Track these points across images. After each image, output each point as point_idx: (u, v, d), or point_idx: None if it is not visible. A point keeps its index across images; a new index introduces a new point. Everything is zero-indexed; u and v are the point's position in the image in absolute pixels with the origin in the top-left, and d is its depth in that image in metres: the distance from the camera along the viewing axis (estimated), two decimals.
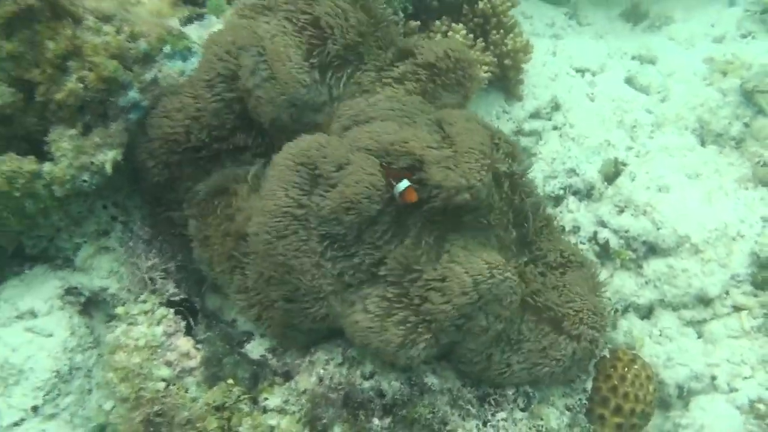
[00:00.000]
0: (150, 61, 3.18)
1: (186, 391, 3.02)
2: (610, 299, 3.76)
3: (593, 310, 3.05)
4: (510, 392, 3.05)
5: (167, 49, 3.21)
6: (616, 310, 3.82)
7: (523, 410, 3.04)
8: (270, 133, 3.14)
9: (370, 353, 2.87)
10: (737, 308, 3.85)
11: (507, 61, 4.50)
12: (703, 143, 4.56)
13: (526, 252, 3.20)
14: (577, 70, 5.16)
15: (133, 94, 3.09)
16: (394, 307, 2.74)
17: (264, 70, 2.97)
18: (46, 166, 2.96)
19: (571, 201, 4.33)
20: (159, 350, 3.09)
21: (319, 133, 2.89)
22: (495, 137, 3.05)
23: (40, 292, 3.28)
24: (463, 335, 2.83)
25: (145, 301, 3.25)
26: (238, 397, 2.96)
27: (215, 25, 3.48)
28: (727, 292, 3.87)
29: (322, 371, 2.95)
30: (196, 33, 3.40)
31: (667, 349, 3.75)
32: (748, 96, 4.66)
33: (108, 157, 3.07)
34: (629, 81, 5.09)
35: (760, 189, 4.17)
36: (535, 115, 4.72)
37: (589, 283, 3.20)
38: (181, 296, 3.34)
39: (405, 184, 2.67)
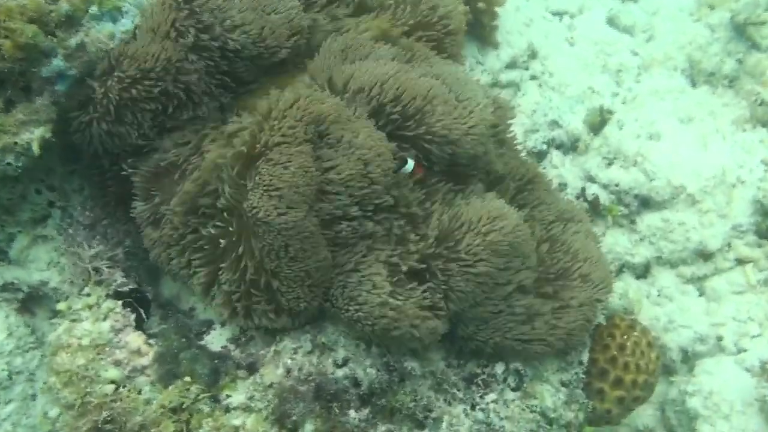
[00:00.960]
0: (75, 24, 2.82)
1: (138, 393, 2.72)
2: None
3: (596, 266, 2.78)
4: (499, 371, 2.79)
5: (93, 9, 2.86)
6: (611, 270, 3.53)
7: (514, 390, 2.78)
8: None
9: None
10: (741, 261, 3.61)
11: (480, 5, 4.16)
12: (694, 84, 4.29)
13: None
14: (554, 13, 4.85)
15: (57, 63, 2.76)
16: (405, 281, 2.53)
17: None
18: None
19: (555, 155, 4.06)
20: (106, 348, 2.78)
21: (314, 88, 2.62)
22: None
23: None
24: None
25: (89, 294, 2.93)
26: (197, 396, 2.67)
27: None
28: (729, 245, 3.64)
29: (289, 361, 2.66)
30: None
31: (667, 310, 3.50)
32: (739, 30, 4.38)
33: (35, 136, 2.75)
34: (611, 21, 4.78)
35: (759, 130, 3.91)
36: (511, 65, 4.41)
37: (588, 239, 2.96)
38: (131, 286, 3.03)
39: (410, 165, 2.56)
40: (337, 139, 2.46)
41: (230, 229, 2.53)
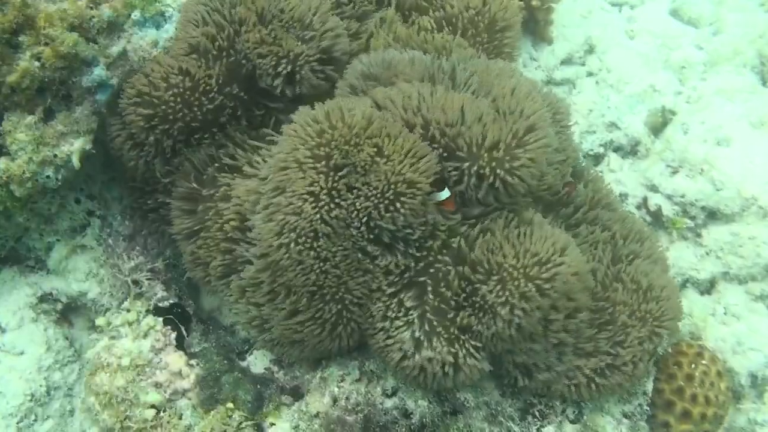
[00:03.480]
0: (117, 31, 2.74)
1: (179, 418, 2.64)
2: None
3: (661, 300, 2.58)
4: (558, 402, 2.62)
5: (136, 15, 2.75)
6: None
7: (573, 422, 2.64)
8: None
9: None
10: None
11: (534, 1, 3.92)
12: (765, 82, 3.97)
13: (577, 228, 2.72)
14: (613, 4, 4.56)
15: (98, 72, 2.68)
16: (442, 319, 2.34)
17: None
18: (1, 163, 2.58)
19: (613, 159, 3.80)
20: (146, 369, 2.71)
21: (336, 102, 2.41)
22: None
23: (8, 302, 2.96)
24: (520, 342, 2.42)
25: (128, 310, 2.85)
26: (240, 424, 2.58)
27: None
28: None
29: (336, 389, 2.54)
30: None
31: (734, 330, 3.25)
32: None
33: (74, 148, 2.68)
34: (674, 13, 4.47)
35: None
36: (567, 60, 4.15)
37: (657, 259, 2.80)
38: (171, 300, 2.96)
39: (446, 193, 2.34)
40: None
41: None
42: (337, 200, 2.23)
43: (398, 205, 2.24)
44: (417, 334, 2.31)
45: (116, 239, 2.99)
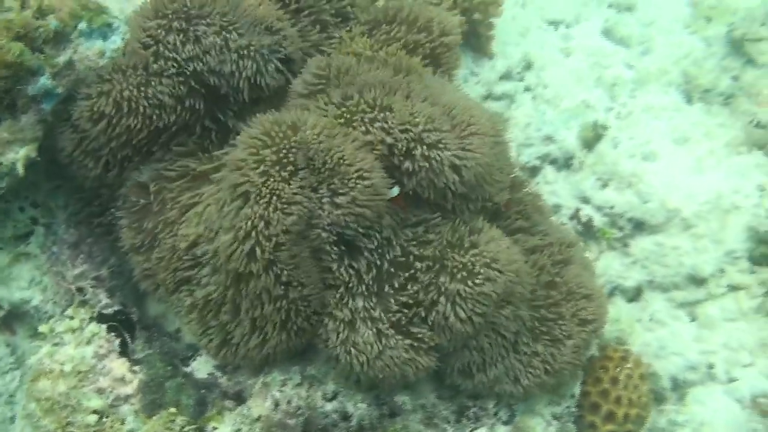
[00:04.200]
0: (63, 41, 2.74)
1: (122, 423, 2.66)
2: None
3: (594, 301, 2.74)
4: (491, 404, 2.74)
5: (83, 26, 2.77)
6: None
7: (505, 423, 2.75)
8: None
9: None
10: (734, 287, 3.55)
11: (477, 15, 4.07)
12: (689, 100, 4.20)
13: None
14: (550, 23, 4.73)
15: (44, 81, 2.68)
16: (394, 320, 2.44)
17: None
18: None
19: (549, 171, 3.97)
20: (89, 375, 2.72)
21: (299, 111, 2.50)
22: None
23: None
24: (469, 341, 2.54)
25: (72, 317, 2.85)
26: (182, 427, 2.62)
27: None
28: (722, 270, 3.57)
29: (278, 394, 2.61)
30: (117, 5, 2.93)
31: (658, 335, 3.46)
32: (735, 45, 4.31)
33: (19, 156, 2.68)
34: (607, 32, 4.66)
35: (754, 153, 3.84)
36: (505, 76, 4.30)
37: (587, 267, 2.93)
38: (116, 308, 2.96)
39: (395, 191, 2.44)
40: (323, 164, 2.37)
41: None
42: (290, 206, 2.31)
43: (352, 209, 2.33)
44: (369, 335, 2.40)
45: (61, 247, 3.00)
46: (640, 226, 3.66)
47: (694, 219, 3.59)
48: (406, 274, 2.47)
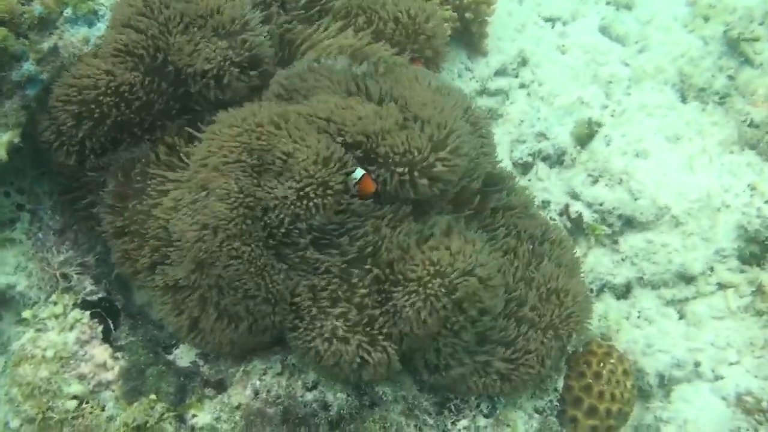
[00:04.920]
0: (48, 27, 2.75)
1: (102, 409, 2.67)
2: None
3: (573, 300, 2.72)
4: (473, 396, 2.72)
5: (68, 12, 2.78)
6: (591, 291, 3.48)
7: (487, 416, 2.74)
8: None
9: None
10: (722, 286, 3.54)
11: (468, 14, 4.06)
12: (684, 99, 4.20)
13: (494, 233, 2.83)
14: (547, 19, 4.73)
15: (28, 67, 2.70)
16: (354, 316, 2.43)
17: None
18: None
19: (541, 168, 3.97)
20: (71, 361, 2.73)
21: (257, 105, 2.54)
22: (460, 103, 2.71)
23: None
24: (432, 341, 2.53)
25: (55, 303, 2.85)
26: (162, 415, 2.62)
27: None
28: (711, 269, 3.56)
29: (258, 383, 2.61)
30: None
31: (646, 332, 3.44)
32: (732, 44, 4.29)
33: (2, 141, 2.71)
34: (604, 30, 4.67)
35: (746, 153, 3.83)
36: (500, 72, 4.31)
37: (569, 267, 2.88)
38: (100, 294, 2.97)
39: (360, 172, 2.43)
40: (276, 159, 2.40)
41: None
42: (253, 199, 2.33)
43: (312, 204, 2.34)
44: (333, 330, 2.40)
45: (46, 233, 3.01)
46: (630, 223, 3.65)
47: (685, 217, 3.58)
48: (366, 268, 2.47)
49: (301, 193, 2.35)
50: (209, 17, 2.65)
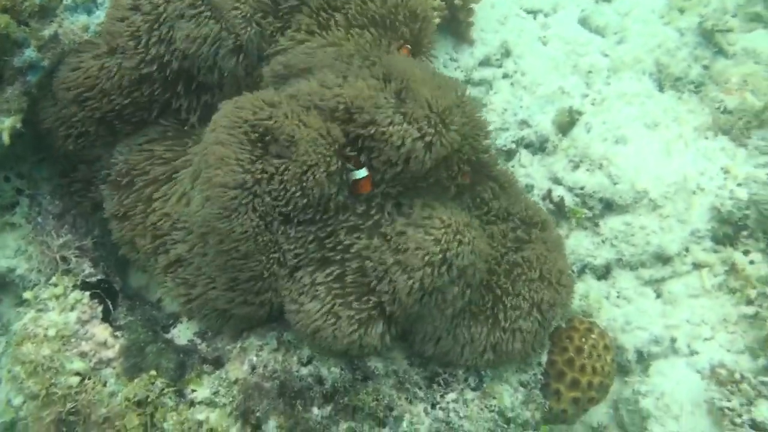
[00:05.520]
0: (49, 15, 2.83)
1: (103, 385, 2.75)
2: None
3: (557, 275, 2.84)
4: (460, 371, 2.85)
5: (68, 0, 2.83)
6: (572, 272, 3.60)
7: (474, 389, 2.84)
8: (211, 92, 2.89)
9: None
10: (698, 266, 3.68)
11: (457, 1, 4.16)
12: (661, 88, 4.33)
13: (481, 212, 2.94)
14: (528, 11, 4.84)
15: (29, 53, 2.77)
16: (347, 291, 2.55)
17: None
18: None
19: (524, 155, 4.09)
20: (72, 340, 2.81)
21: (260, 92, 2.62)
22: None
23: None
24: (425, 312, 2.63)
25: (56, 284, 2.94)
26: (162, 390, 2.71)
27: None
28: (686, 249, 3.70)
29: (255, 358, 2.71)
30: None
31: (625, 311, 3.58)
32: (707, 35, 4.43)
33: (4, 126, 2.77)
34: (583, 21, 4.80)
35: (720, 138, 3.98)
36: (484, 62, 4.42)
37: (553, 243, 2.99)
38: (99, 277, 3.06)
39: (363, 173, 2.55)
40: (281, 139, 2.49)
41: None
42: (262, 176, 2.43)
43: (311, 180, 2.45)
44: (327, 304, 2.51)
45: (45, 217, 3.08)
46: (609, 207, 3.77)
47: (662, 200, 3.72)
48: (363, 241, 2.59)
49: (302, 168, 2.44)
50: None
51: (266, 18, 2.92)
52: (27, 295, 2.93)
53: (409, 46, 3.01)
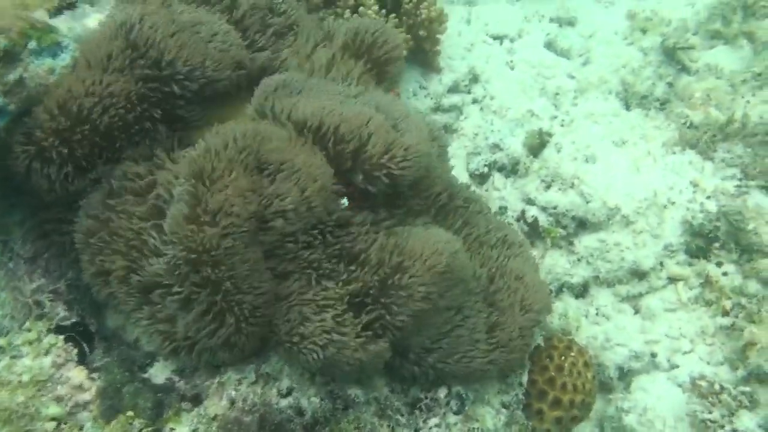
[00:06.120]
0: (13, 60, 2.80)
1: (80, 430, 2.70)
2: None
3: (536, 287, 2.86)
4: (442, 395, 2.84)
5: (33, 45, 2.84)
6: (550, 292, 3.61)
7: (456, 413, 2.83)
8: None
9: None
10: (673, 279, 3.71)
11: (422, 32, 4.23)
12: (628, 107, 4.42)
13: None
14: (494, 37, 4.94)
15: None
16: (348, 311, 2.56)
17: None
18: None
19: (497, 178, 4.12)
20: (48, 384, 2.76)
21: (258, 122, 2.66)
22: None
23: None
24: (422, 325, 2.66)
25: (29, 330, 2.89)
26: (140, 430, 2.65)
27: (90, 15, 3.10)
28: (661, 264, 3.73)
29: (233, 393, 2.67)
30: (66, 25, 3.02)
31: (604, 328, 3.59)
32: (669, 54, 4.55)
33: None
34: (549, 45, 4.90)
35: (687, 152, 4.05)
36: (453, 89, 4.48)
37: (528, 260, 3.01)
38: (73, 319, 3.00)
39: (344, 203, 2.64)
40: (276, 168, 2.51)
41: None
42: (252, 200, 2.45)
43: (308, 206, 2.48)
44: (327, 326, 2.51)
45: (17, 262, 3.05)
46: (583, 225, 3.81)
47: (634, 216, 3.76)
48: (355, 265, 2.60)
49: (296, 196, 2.46)
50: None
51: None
52: (0, 341, 2.89)
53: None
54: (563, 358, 3.02)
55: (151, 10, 2.81)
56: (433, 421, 2.79)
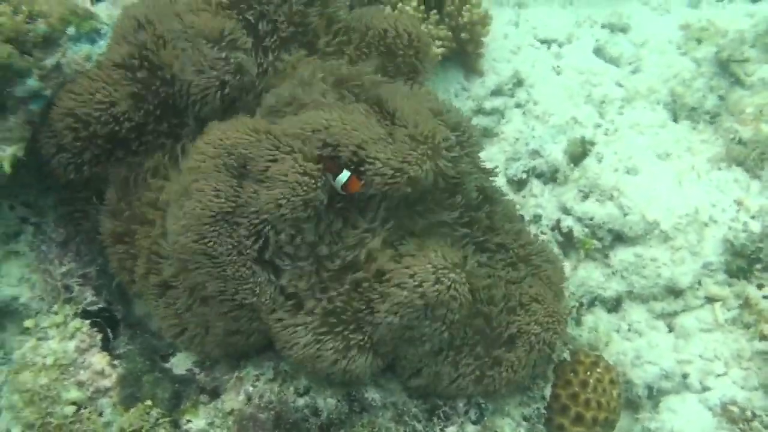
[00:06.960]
0: (52, 45, 2.86)
1: (99, 415, 2.74)
2: (573, 294, 3.48)
3: (549, 312, 2.76)
4: (461, 404, 2.81)
5: (71, 30, 2.89)
6: (581, 305, 3.54)
7: (475, 423, 2.79)
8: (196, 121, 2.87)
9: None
10: (710, 299, 3.59)
11: (464, 35, 4.18)
12: (676, 118, 4.28)
13: (478, 244, 2.89)
14: (542, 41, 4.82)
15: (32, 83, 2.80)
16: (331, 319, 2.52)
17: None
18: None
19: (535, 185, 4.04)
20: (70, 369, 2.81)
21: (242, 120, 2.61)
22: (439, 111, 2.75)
23: None
24: (407, 345, 2.60)
25: (57, 313, 2.94)
26: (157, 420, 2.69)
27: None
28: (699, 282, 3.62)
29: (251, 388, 2.68)
30: (106, 12, 3.08)
31: (635, 345, 3.50)
32: (723, 66, 4.39)
33: (6, 154, 2.79)
34: (598, 51, 4.77)
35: (733, 169, 3.91)
36: (496, 92, 4.40)
37: (549, 279, 2.92)
38: (100, 305, 3.05)
39: (346, 174, 2.46)
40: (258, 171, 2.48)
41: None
42: (237, 202, 2.44)
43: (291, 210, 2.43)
44: (314, 335, 2.49)
45: (49, 245, 3.10)
46: (619, 238, 3.71)
47: (673, 232, 3.65)
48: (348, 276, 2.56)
49: (283, 200, 2.42)
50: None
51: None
52: (28, 323, 2.94)
53: None
54: (588, 373, 2.96)
55: None
56: (451, 429, 2.76)
